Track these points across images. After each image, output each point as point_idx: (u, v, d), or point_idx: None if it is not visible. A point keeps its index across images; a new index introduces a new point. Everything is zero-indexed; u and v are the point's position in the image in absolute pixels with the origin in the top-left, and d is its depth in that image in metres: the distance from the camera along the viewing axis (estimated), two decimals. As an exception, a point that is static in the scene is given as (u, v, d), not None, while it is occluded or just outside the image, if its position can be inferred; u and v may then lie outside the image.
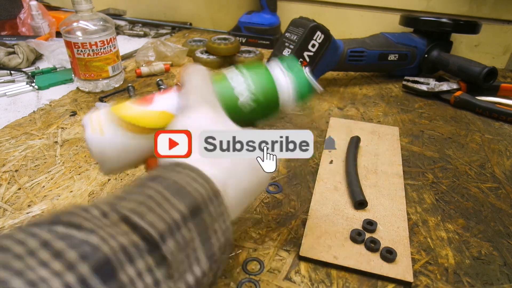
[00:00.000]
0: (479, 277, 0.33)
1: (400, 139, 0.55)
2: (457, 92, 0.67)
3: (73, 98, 0.65)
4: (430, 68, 0.77)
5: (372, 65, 0.73)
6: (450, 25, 0.73)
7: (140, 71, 0.74)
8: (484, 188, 0.45)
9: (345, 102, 0.68)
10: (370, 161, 0.49)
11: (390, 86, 0.76)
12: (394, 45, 0.73)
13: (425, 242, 0.37)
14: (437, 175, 0.47)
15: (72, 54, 0.63)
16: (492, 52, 0.88)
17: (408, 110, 0.66)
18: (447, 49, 0.77)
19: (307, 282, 0.32)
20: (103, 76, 0.66)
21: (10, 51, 0.77)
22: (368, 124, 0.59)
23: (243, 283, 0.32)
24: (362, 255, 0.34)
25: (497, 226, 0.40)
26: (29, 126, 0.56)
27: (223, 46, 0.78)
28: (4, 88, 0.67)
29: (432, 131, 0.59)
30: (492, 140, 0.57)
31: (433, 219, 0.40)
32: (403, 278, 0.32)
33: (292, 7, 0.98)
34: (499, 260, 0.35)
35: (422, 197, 0.43)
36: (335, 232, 0.37)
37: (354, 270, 0.33)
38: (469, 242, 0.37)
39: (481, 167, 0.50)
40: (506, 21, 0.84)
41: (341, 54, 0.69)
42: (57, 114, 0.60)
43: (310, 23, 0.64)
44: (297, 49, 0.64)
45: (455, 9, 0.86)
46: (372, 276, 0.33)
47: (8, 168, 0.46)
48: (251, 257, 0.34)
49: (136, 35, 1.02)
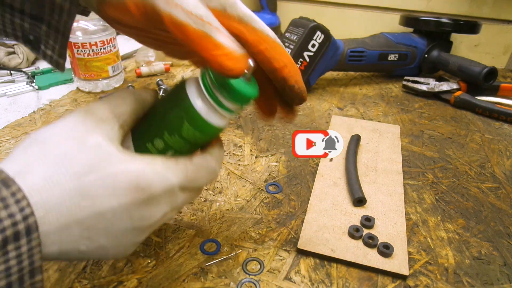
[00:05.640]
0: (479, 277, 0.33)
1: (401, 138, 0.55)
2: (457, 92, 0.67)
3: (73, 98, 0.65)
4: (430, 68, 0.77)
5: (372, 65, 0.73)
6: (450, 25, 0.73)
7: (140, 71, 0.74)
8: (484, 188, 0.45)
9: (345, 102, 0.68)
10: (370, 159, 0.49)
11: (390, 86, 0.76)
12: (394, 45, 0.73)
13: (425, 242, 0.37)
14: (437, 175, 0.47)
15: (72, 54, 0.63)
16: (492, 52, 0.88)
17: (408, 110, 0.66)
18: (447, 49, 0.77)
19: (307, 282, 0.32)
20: (103, 76, 0.66)
21: (10, 51, 0.77)
22: (369, 122, 0.59)
23: (243, 283, 0.32)
24: (360, 249, 0.35)
25: (497, 226, 0.40)
26: (29, 126, 0.56)
27: (223, 46, 0.78)
28: (4, 88, 0.67)
29: (432, 131, 0.59)
30: (492, 140, 0.57)
31: (433, 219, 0.40)
32: (399, 271, 0.33)
33: (292, 7, 0.98)
34: (499, 260, 0.35)
35: (422, 197, 0.43)
36: (333, 226, 0.38)
37: (350, 263, 0.34)
38: (469, 242, 0.37)
39: (481, 167, 0.50)
40: (506, 21, 0.84)
41: (341, 54, 0.69)
42: (57, 114, 0.60)
43: (310, 23, 0.64)
44: (297, 49, 0.64)
45: (455, 9, 0.86)
46: (368, 269, 0.33)
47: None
48: (251, 257, 0.34)
49: (136, 35, 1.02)
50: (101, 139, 0.23)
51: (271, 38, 0.27)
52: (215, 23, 0.23)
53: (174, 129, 0.26)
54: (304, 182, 0.45)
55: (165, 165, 0.24)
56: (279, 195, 0.43)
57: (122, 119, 0.25)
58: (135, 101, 0.26)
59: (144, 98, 0.27)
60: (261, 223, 0.39)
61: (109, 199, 0.22)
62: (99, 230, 0.22)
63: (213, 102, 0.26)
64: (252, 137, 0.55)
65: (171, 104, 0.27)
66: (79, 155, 0.22)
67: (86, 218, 0.21)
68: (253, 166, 0.48)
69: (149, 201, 0.23)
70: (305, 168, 0.48)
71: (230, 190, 0.43)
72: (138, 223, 0.23)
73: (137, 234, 0.24)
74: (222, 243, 0.36)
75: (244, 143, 0.53)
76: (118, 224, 0.22)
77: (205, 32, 0.22)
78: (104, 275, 0.32)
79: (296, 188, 0.44)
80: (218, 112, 0.26)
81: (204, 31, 0.22)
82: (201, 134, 0.27)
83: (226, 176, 0.46)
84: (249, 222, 0.39)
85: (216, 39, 0.22)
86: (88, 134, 0.23)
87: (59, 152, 0.22)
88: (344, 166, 0.47)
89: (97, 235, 0.22)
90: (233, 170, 0.47)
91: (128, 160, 0.23)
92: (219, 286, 0.32)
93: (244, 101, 0.26)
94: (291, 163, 0.49)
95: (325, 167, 0.47)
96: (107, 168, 0.22)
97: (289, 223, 0.39)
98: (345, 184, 0.44)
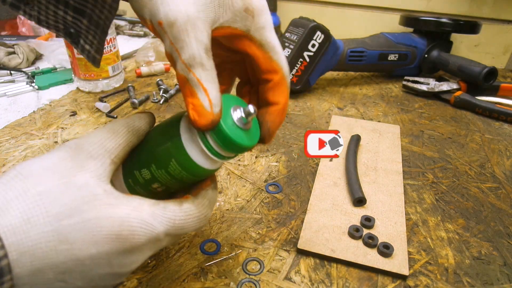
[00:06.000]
0: (479, 277, 0.33)
1: (401, 138, 0.55)
2: (457, 92, 0.67)
3: (73, 98, 0.65)
4: (430, 68, 0.77)
5: (372, 65, 0.73)
6: (450, 25, 0.73)
7: (140, 71, 0.74)
8: (484, 188, 0.45)
9: (345, 102, 0.68)
10: (370, 158, 0.49)
11: (390, 86, 0.76)
12: (394, 45, 0.73)
13: (425, 242, 0.37)
14: (437, 175, 0.47)
15: (72, 54, 0.63)
16: (492, 52, 0.88)
17: (408, 110, 0.66)
18: (447, 49, 0.77)
19: (307, 282, 0.32)
20: (103, 76, 0.66)
21: (10, 51, 0.77)
22: (369, 122, 0.59)
23: (243, 283, 0.32)
24: (360, 249, 0.35)
25: (497, 226, 0.40)
26: (29, 126, 0.56)
27: (223, 46, 0.78)
28: (4, 88, 0.67)
29: (432, 131, 0.59)
30: (492, 140, 0.57)
31: (433, 219, 0.40)
32: (399, 271, 0.33)
33: (292, 7, 0.98)
34: (499, 260, 0.35)
35: (422, 197, 0.43)
36: (333, 226, 0.38)
37: (350, 263, 0.34)
38: (469, 242, 0.37)
39: (481, 167, 0.50)
40: (506, 21, 0.84)
41: (341, 54, 0.69)
42: (57, 114, 0.60)
43: (310, 23, 0.64)
44: (297, 49, 0.64)
45: (455, 9, 0.86)
46: (368, 269, 0.33)
47: (8, 168, 0.46)
48: (251, 257, 0.34)
49: (136, 35, 1.02)
50: (89, 177, 0.22)
51: (282, 74, 0.27)
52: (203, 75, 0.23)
53: (161, 164, 0.25)
54: (304, 182, 0.45)
55: (152, 212, 0.23)
56: (279, 195, 0.43)
57: (114, 154, 0.24)
58: (128, 133, 0.25)
59: (138, 128, 0.26)
60: (261, 223, 0.39)
61: (88, 245, 0.20)
62: (75, 274, 0.21)
63: (204, 146, 0.24)
64: (252, 137, 0.54)
65: (163, 138, 0.26)
66: (62, 195, 0.21)
67: (62, 263, 0.20)
68: (253, 166, 0.48)
69: (132, 250, 0.22)
70: (305, 168, 0.48)
71: (230, 190, 0.43)
72: (118, 269, 0.22)
73: (115, 279, 0.23)
74: (222, 243, 0.36)
75: (244, 143, 0.53)
76: (96, 270, 0.21)
77: (186, 78, 0.23)
78: (104, 275, 0.32)
79: (296, 188, 0.44)
80: (210, 157, 0.25)
81: (186, 77, 0.23)
82: (189, 174, 0.25)
83: (226, 176, 0.46)
84: (249, 222, 0.39)
85: (192, 87, 0.23)
86: (76, 172, 0.22)
87: (42, 189, 0.21)
88: (344, 166, 0.47)
89: (73, 278, 0.21)
90: (233, 170, 0.47)
91: (113, 204, 0.22)
92: (219, 286, 0.32)
93: (237, 150, 0.25)
94: (291, 163, 0.49)
95: (325, 167, 0.47)
96: (89, 212, 0.21)
97: (289, 223, 0.39)
98: (345, 184, 0.44)
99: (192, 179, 0.26)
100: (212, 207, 0.27)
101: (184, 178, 0.26)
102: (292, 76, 0.66)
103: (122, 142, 0.25)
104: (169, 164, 0.25)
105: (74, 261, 0.20)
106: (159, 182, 0.26)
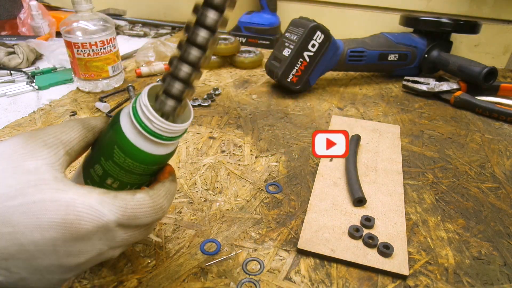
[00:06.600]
0: (479, 277, 0.33)
1: (401, 138, 0.55)
2: (457, 92, 0.67)
3: (73, 98, 0.65)
4: (430, 68, 0.77)
5: (372, 65, 0.73)
6: (450, 25, 0.73)
7: (140, 71, 0.74)
8: (484, 188, 0.45)
9: (345, 102, 0.68)
10: (370, 158, 0.49)
11: (390, 86, 0.76)
12: (394, 45, 0.73)
13: (425, 242, 0.37)
14: (437, 175, 0.47)
15: (72, 54, 0.63)
16: (492, 52, 0.88)
17: (408, 110, 0.66)
18: (447, 49, 0.77)
19: (307, 282, 0.32)
20: (103, 76, 0.66)
21: (10, 51, 0.77)
22: (369, 122, 0.59)
23: (243, 283, 0.32)
24: (360, 249, 0.35)
25: (497, 226, 0.40)
26: (29, 126, 0.56)
27: (223, 46, 0.78)
28: (4, 88, 0.67)
29: (432, 131, 0.59)
30: (492, 140, 0.57)
31: (433, 219, 0.40)
32: (399, 271, 0.33)
33: (292, 7, 0.98)
34: (499, 260, 0.35)
35: (422, 197, 0.43)
36: (333, 226, 0.38)
37: (350, 263, 0.34)
38: (469, 242, 0.37)
39: (481, 167, 0.50)
40: (506, 21, 0.84)
41: (341, 54, 0.69)
42: (57, 114, 0.60)
43: (310, 23, 0.64)
44: (297, 49, 0.64)
45: (455, 9, 0.86)
46: (368, 269, 0.33)
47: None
48: (251, 257, 0.34)
49: (136, 35, 1.02)
50: (41, 164, 0.21)
51: None
52: None
53: (108, 154, 0.25)
54: (304, 182, 0.45)
55: (101, 199, 0.22)
56: (279, 195, 0.43)
57: (69, 146, 0.24)
58: (84, 129, 0.26)
59: (93, 125, 0.26)
60: (261, 223, 0.39)
61: (31, 230, 0.19)
62: (19, 262, 0.20)
63: (138, 125, 0.24)
64: (252, 137, 0.55)
65: (107, 128, 0.26)
66: (8, 178, 0.20)
67: (4, 248, 0.19)
68: (253, 166, 0.48)
69: (78, 237, 0.21)
70: (305, 168, 0.48)
71: (230, 190, 0.43)
72: (65, 260, 0.21)
73: (63, 271, 0.22)
74: (222, 243, 0.36)
75: (244, 143, 0.53)
76: (41, 258, 0.20)
77: None
78: (104, 275, 0.32)
79: (296, 188, 0.44)
80: (148, 137, 0.25)
81: None
82: (134, 161, 0.25)
83: (226, 176, 0.46)
84: (249, 222, 0.39)
85: None
86: (28, 158, 0.21)
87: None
88: (344, 166, 0.47)
89: (17, 267, 0.20)
90: (233, 170, 0.47)
91: (61, 189, 0.21)
92: (219, 286, 0.32)
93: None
94: (291, 163, 0.49)
95: (325, 167, 0.47)
96: (35, 195, 0.20)
97: (289, 223, 0.39)
98: (345, 184, 0.44)
99: (141, 168, 0.26)
100: (169, 199, 0.26)
101: (131, 168, 0.25)
102: (292, 76, 0.66)
103: (77, 136, 0.25)
104: (113, 152, 0.25)
105: (17, 246, 0.19)
106: (111, 177, 0.26)
